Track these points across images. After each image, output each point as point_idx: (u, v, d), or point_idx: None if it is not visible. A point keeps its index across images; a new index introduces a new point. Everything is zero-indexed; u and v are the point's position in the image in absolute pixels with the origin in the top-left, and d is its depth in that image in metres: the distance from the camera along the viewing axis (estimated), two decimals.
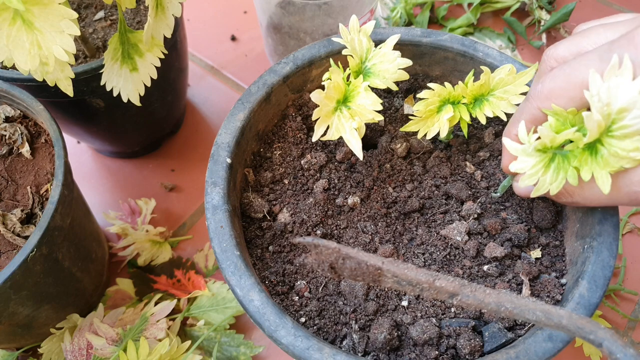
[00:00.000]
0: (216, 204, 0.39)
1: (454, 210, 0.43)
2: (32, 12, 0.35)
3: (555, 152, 0.32)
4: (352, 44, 0.40)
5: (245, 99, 0.44)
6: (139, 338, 0.47)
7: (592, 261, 0.36)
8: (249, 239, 0.42)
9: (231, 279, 0.36)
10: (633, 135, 0.28)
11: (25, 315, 0.44)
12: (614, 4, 0.81)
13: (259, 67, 0.77)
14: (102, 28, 0.57)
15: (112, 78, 0.45)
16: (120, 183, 0.67)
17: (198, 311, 0.55)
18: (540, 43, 0.75)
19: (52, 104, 0.52)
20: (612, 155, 0.29)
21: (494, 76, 0.40)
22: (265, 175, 0.44)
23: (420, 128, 0.42)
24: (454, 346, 0.37)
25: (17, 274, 0.39)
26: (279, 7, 0.58)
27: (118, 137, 0.63)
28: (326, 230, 0.42)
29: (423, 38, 0.46)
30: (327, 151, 0.46)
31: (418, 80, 0.49)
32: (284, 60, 0.46)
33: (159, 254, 0.60)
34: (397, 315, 0.38)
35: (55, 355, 0.50)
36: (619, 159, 0.29)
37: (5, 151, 0.47)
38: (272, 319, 0.34)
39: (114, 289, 0.57)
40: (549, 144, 0.31)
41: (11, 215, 0.44)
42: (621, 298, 0.57)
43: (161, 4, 0.44)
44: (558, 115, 0.31)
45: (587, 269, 0.36)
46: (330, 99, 0.38)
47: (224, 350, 0.53)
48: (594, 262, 0.36)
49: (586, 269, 0.36)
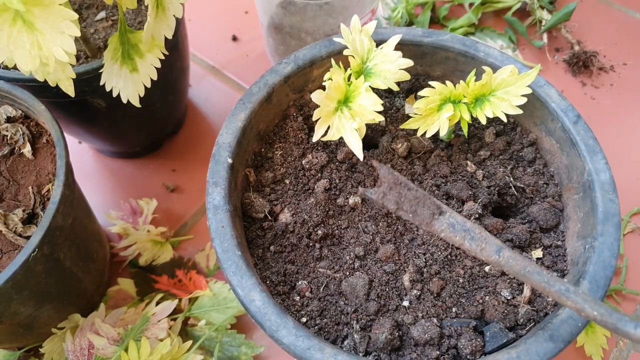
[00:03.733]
0: (217, 204, 0.39)
1: (455, 210, 0.43)
2: (33, 13, 0.35)
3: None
4: (353, 44, 0.40)
5: (247, 99, 0.44)
6: (140, 338, 0.47)
7: (594, 261, 0.36)
8: (250, 239, 0.42)
9: (232, 279, 0.36)
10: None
11: (27, 315, 0.45)
12: (615, 4, 0.81)
13: (260, 67, 0.77)
14: (103, 28, 0.57)
15: (112, 78, 0.45)
16: (122, 183, 0.67)
17: (199, 311, 0.55)
18: (541, 43, 0.75)
19: (53, 104, 0.52)
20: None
21: (495, 76, 0.40)
22: (266, 175, 0.44)
23: (421, 126, 0.42)
24: (455, 346, 0.37)
25: (18, 273, 0.39)
26: (280, 7, 0.58)
27: (119, 137, 0.63)
28: (327, 230, 0.42)
29: (424, 38, 0.46)
30: (328, 151, 0.46)
31: (419, 80, 0.49)
32: (285, 61, 0.46)
33: (160, 254, 0.60)
34: (398, 315, 0.38)
35: (57, 355, 0.50)
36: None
37: (7, 151, 0.47)
38: (273, 319, 0.34)
39: (115, 289, 0.57)
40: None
41: (13, 216, 0.44)
42: (622, 298, 0.57)
43: (161, 4, 0.44)
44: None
45: (588, 269, 0.36)
46: (331, 99, 0.38)
47: (225, 350, 0.53)
48: (596, 262, 0.36)
49: (587, 269, 0.36)
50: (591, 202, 0.39)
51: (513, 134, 0.47)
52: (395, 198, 0.31)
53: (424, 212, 0.31)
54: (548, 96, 0.43)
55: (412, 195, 0.31)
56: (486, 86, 0.40)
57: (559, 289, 0.28)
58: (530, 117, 0.45)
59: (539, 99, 0.43)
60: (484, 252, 0.30)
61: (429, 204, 0.31)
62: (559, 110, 0.42)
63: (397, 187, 0.31)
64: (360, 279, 0.39)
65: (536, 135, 0.46)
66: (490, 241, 0.30)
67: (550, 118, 0.43)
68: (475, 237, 0.30)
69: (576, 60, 0.73)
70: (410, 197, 0.31)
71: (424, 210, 0.31)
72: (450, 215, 0.30)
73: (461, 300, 0.39)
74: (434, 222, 0.31)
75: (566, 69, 0.75)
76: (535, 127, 0.46)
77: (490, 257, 0.30)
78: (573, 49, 0.75)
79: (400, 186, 0.31)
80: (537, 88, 0.43)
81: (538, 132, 0.45)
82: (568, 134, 0.41)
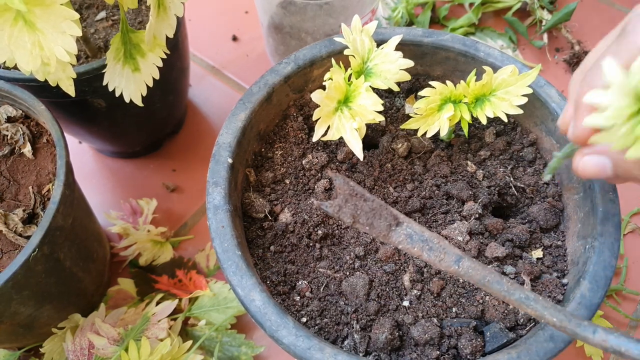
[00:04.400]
0: (217, 204, 0.39)
1: (455, 210, 0.43)
2: (34, 13, 0.35)
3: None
4: (354, 44, 0.40)
5: (247, 99, 0.44)
6: (141, 338, 0.47)
7: (594, 261, 0.36)
8: (250, 239, 0.42)
9: (232, 278, 0.36)
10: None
11: (27, 315, 0.45)
12: (615, 4, 0.81)
13: (260, 67, 0.77)
14: (103, 28, 0.57)
15: (114, 78, 0.45)
16: (122, 183, 0.67)
17: (199, 311, 0.55)
18: (542, 43, 0.75)
19: (53, 104, 0.52)
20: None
21: (496, 76, 0.40)
22: (266, 175, 0.44)
23: (421, 126, 0.42)
24: (455, 346, 0.37)
25: (18, 273, 0.39)
26: (280, 7, 0.58)
27: (119, 137, 0.63)
28: (327, 230, 0.42)
29: (424, 38, 0.46)
30: (328, 151, 0.46)
31: (419, 80, 0.49)
32: (285, 60, 0.46)
33: (160, 253, 0.60)
34: (398, 315, 0.38)
35: (57, 355, 0.50)
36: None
37: (7, 151, 0.48)
38: (274, 319, 0.34)
39: (115, 289, 0.57)
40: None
41: (13, 215, 0.44)
42: (623, 298, 0.57)
43: (163, 4, 0.44)
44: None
45: (588, 269, 0.36)
46: (331, 99, 0.38)
47: (225, 350, 0.53)
48: (596, 262, 0.36)
49: (587, 269, 0.36)
50: (591, 202, 0.39)
51: (513, 134, 0.47)
52: (351, 211, 0.30)
53: (381, 224, 0.30)
54: (548, 96, 0.43)
55: (369, 207, 0.30)
56: (486, 86, 0.40)
57: (519, 297, 0.28)
58: (530, 117, 0.45)
59: (539, 99, 0.43)
60: (442, 263, 0.29)
61: (386, 214, 0.30)
62: (559, 110, 0.42)
63: (353, 198, 0.30)
64: (360, 279, 0.39)
65: (536, 135, 0.46)
66: (449, 251, 0.29)
67: (551, 118, 0.43)
68: (434, 247, 0.29)
69: (577, 60, 0.73)
70: (366, 209, 0.30)
71: (381, 221, 0.30)
72: (408, 226, 0.30)
73: (461, 300, 0.39)
74: (391, 234, 0.30)
75: (566, 69, 0.75)
76: (536, 127, 0.46)
77: (449, 268, 0.29)
78: (573, 49, 0.75)
79: (356, 197, 0.30)
80: (537, 88, 0.43)
81: (538, 132, 0.45)
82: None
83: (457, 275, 0.29)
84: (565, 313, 0.27)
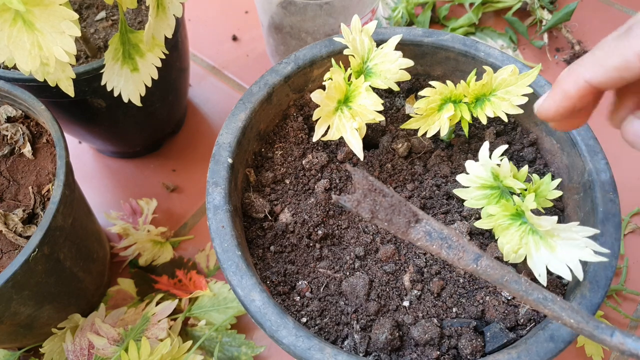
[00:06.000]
0: (217, 204, 0.39)
1: (455, 210, 0.42)
2: (33, 13, 0.35)
3: None
4: (353, 44, 0.40)
5: (247, 99, 0.44)
6: (141, 338, 0.47)
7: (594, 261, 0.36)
8: (251, 239, 0.42)
9: (232, 279, 0.36)
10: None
11: (27, 315, 0.45)
12: (615, 4, 0.81)
13: (260, 67, 0.77)
14: (103, 28, 0.57)
15: (113, 78, 0.45)
16: (122, 183, 0.67)
17: (199, 311, 0.55)
18: (542, 43, 0.75)
19: (53, 104, 0.52)
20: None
21: (496, 76, 0.40)
22: (266, 175, 0.44)
23: (421, 126, 0.42)
24: (456, 346, 0.36)
25: (18, 274, 0.39)
26: (280, 7, 0.58)
27: (119, 137, 0.63)
28: (327, 230, 0.42)
29: (424, 38, 0.46)
30: (328, 151, 0.46)
31: (419, 80, 0.49)
32: (285, 60, 0.46)
33: (160, 254, 0.60)
34: (398, 315, 0.38)
35: (57, 355, 0.50)
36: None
37: (7, 151, 0.47)
38: (274, 319, 0.34)
39: (115, 289, 0.57)
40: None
41: (13, 215, 0.44)
42: (623, 298, 0.57)
43: (162, 4, 0.44)
44: None
45: (588, 269, 0.36)
46: (331, 99, 0.38)
47: (225, 350, 0.53)
48: (596, 262, 0.36)
49: (588, 269, 0.36)
50: (591, 202, 0.38)
51: (513, 134, 0.47)
52: (370, 206, 0.29)
53: (400, 220, 0.29)
54: None
55: (388, 203, 0.29)
56: (487, 86, 0.40)
57: (537, 297, 0.28)
58: (530, 117, 0.45)
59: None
60: (461, 261, 0.29)
61: (405, 211, 0.29)
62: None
63: (372, 193, 0.29)
64: (360, 279, 0.39)
65: (536, 135, 0.46)
66: (468, 249, 0.29)
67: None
68: (453, 245, 0.29)
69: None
70: (385, 205, 0.29)
71: (400, 218, 0.29)
72: (427, 223, 0.29)
73: (461, 300, 0.38)
74: (410, 231, 0.29)
75: None
76: (536, 127, 0.46)
77: (468, 266, 0.29)
78: (574, 49, 0.75)
79: (375, 192, 0.29)
80: (537, 88, 0.43)
81: (538, 131, 0.45)
82: (568, 133, 0.41)
83: (476, 273, 0.29)
84: (582, 315, 0.27)
